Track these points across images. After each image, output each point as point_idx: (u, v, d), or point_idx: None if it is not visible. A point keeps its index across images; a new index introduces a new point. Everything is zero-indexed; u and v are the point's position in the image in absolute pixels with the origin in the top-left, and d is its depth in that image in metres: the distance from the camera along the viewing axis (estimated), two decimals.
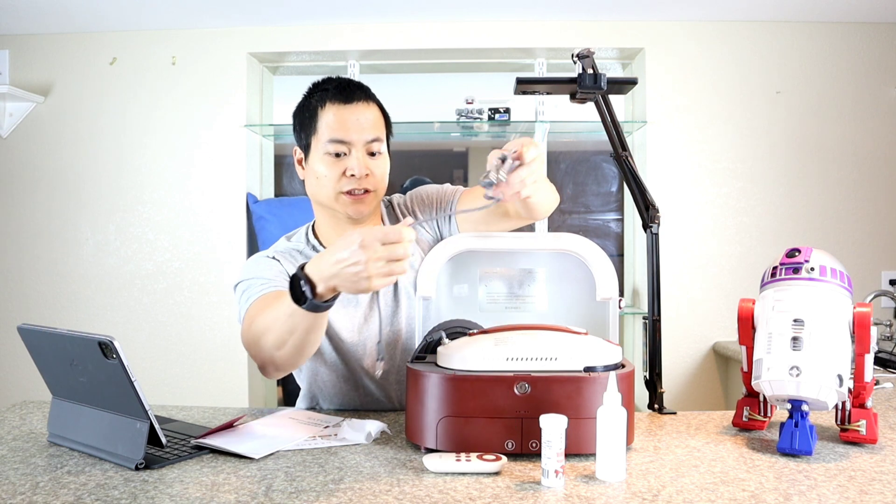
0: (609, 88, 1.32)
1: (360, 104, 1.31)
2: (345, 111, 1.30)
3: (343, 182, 1.30)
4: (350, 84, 1.34)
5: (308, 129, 1.33)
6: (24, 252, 2.88)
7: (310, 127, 1.32)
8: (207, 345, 2.81)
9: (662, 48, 2.79)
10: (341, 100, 1.30)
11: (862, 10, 2.65)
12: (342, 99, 1.30)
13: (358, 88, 1.33)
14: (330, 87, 1.32)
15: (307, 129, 1.33)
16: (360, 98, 1.32)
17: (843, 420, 1.13)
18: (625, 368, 1.08)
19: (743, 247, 2.79)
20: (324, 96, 1.32)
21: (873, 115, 2.78)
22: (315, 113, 1.31)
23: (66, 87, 2.86)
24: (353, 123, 1.29)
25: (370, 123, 1.31)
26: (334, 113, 1.30)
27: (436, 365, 1.10)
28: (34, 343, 1.15)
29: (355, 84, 1.34)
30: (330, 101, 1.31)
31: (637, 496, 0.91)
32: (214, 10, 2.64)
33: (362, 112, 1.31)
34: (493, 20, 2.80)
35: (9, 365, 2.84)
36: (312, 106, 1.32)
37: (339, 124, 1.29)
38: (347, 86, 1.33)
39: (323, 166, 1.30)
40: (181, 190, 2.84)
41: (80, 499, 0.91)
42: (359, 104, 1.31)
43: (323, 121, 1.30)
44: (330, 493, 0.93)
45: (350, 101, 1.30)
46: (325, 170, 1.30)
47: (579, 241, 1.33)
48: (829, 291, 1.11)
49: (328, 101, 1.31)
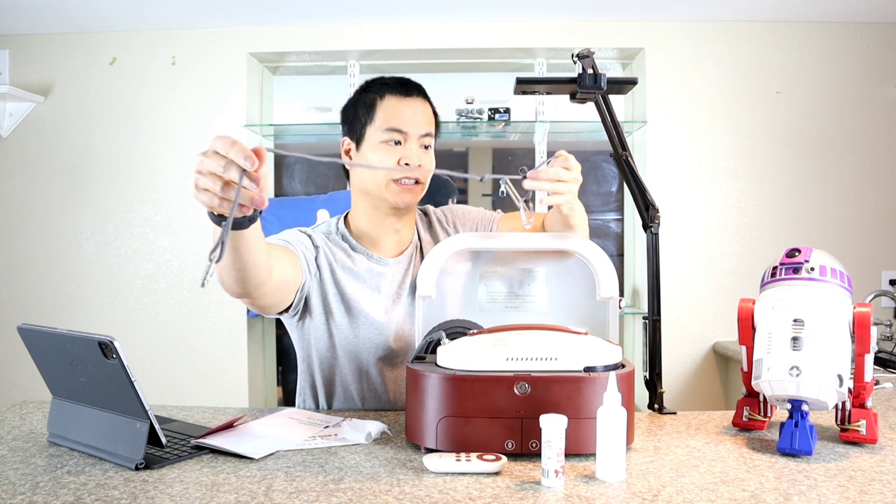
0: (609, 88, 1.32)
1: (417, 99, 1.38)
2: (404, 103, 1.36)
3: (397, 171, 1.34)
4: (409, 81, 1.40)
5: (364, 119, 1.37)
6: (24, 252, 2.88)
7: (366, 117, 1.37)
8: (207, 345, 2.81)
9: (662, 48, 2.80)
10: (401, 93, 1.37)
11: (862, 10, 2.65)
12: (402, 92, 1.37)
13: (415, 86, 1.40)
14: (390, 82, 1.39)
15: (362, 120, 1.37)
16: (417, 94, 1.39)
17: (843, 420, 1.13)
18: (625, 368, 1.08)
19: (743, 247, 2.79)
20: (383, 89, 1.38)
21: (873, 115, 2.78)
22: (374, 104, 1.37)
23: (66, 87, 2.86)
24: (410, 115, 1.36)
25: (425, 118, 1.38)
26: (393, 104, 1.36)
27: (436, 365, 1.10)
28: (34, 343, 1.15)
29: (413, 82, 1.41)
30: (389, 93, 1.37)
31: (637, 496, 0.91)
32: (214, 10, 2.64)
33: (419, 106, 1.37)
34: (493, 20, 2.80)
35: (9, 365, 2.85)
36: (370, 98, 1.38)
37: (398, 114, 1.35)
38: (407, 82, 1.40)
39: (380, 153, 1.35)
40: (181, 190, 2.84)
41: (80, 499, 0.91)
42: (416, 99, 1.38)
43: (381, 110, 1.36)
44: (330, 493, 0.93)
45: (409, 95, 1.37)
46: (380, 157, 1.35)
47: (579, 241, 1.33)
48: (829, 291, 1.11)
49: (387, 94, 1.37)
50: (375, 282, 1.41)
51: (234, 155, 0.90)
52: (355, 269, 1.41)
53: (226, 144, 0.90)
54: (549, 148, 2.91)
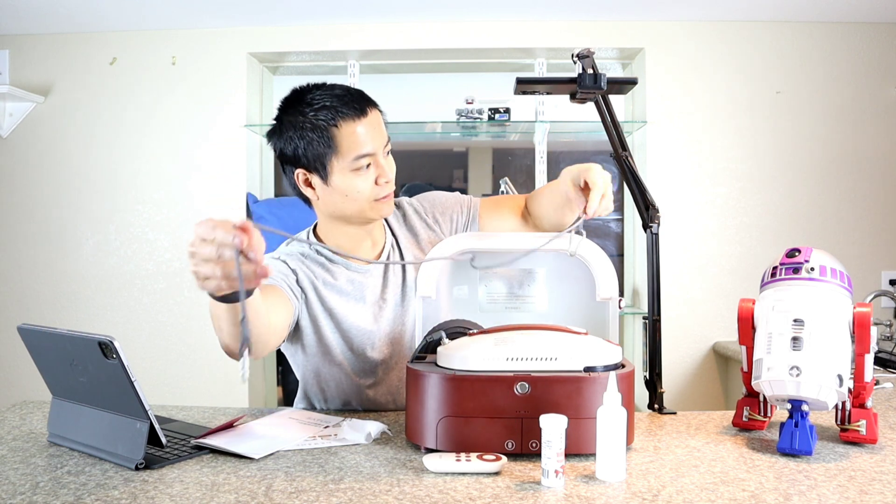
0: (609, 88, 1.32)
1: (370, 113, 1.29)
2: (362, 125, 1.26)
3: (376, 190, 1.30)
4: (351, 94, 1.29)
5: (324, 150, 1.26)
6: (24, 252, 2.88)
7: (326, 146, 1.26)
8: (207, 345, 2.80)
9: (662, 48, 2.80)
10: (355, 114, 1.26)
11: (862, 10, 2.65)
12: (356, 112, 1.26)
13: (361, 97, 1.30)
14: (334, 103, 1.26)
15: (321, 151, 1.26)
16: (369, 105, 1.29)
17: (843, 420, 1.13)
18: (625, 368, 1.08)
19: (743, 247, 2.79)
20: (332, 114, 1.25)
21: (873, 115, 2.78)
22: (328, 132, 1.25)
23: (66, 87, 2.86)
24: (371, 135, 1.27)
25: (381, 127, 1.31)
26: (355, 129, 1.26)
27: (436, 365, 1.10)
28: (34, 343, 1.15)
29: (355, 92, 1.30)
30: (342, 118, 1.25)
31: (637, 496, 0.91)
32: (214, 10, 2.64)
33: (373, 119, 1.29)
34: (493, 20, 2.80)
35: (9, 365, 2.85)
36: (321, 125, 1.25)
37: (362, 139, 1.26)
38: (351, 97, 1.28)
39: (357, 181, 1.28)
40: (181, 190, 2.84)
41: (80, 499, 0.91)
42: (371, 113, 1.29)
43: (342, 140, 1.25)
44: (330, 493, 0.93)
45: (363, 113, 1.27)
46: (359, 184, 1.28)
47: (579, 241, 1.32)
48: (829, 291, 1.11)
49: (340, 119, 1.25)
50: (359, 291, 1.38)
51: (220, 237, 0.88)
52: (336, 283, 1.37)
53: (208, 229, 0.89)
54: (549, 148, 2.91)
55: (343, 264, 1.39)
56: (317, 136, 1.26)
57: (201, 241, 0.89)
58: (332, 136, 1.26)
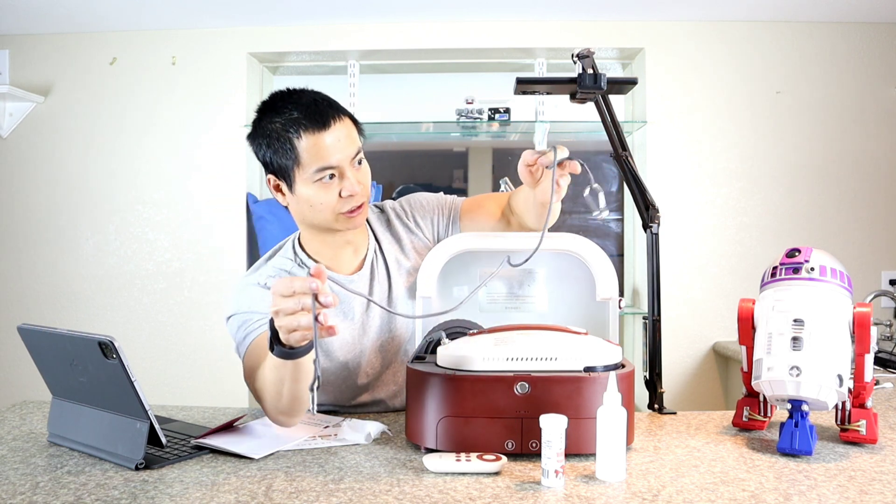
0: (609, 88, 1.32)
1: (335, 125, 1.24)
2: (325, 137, 1.22)
3: (340, 203, 1.26)
4: (317, 104, 1.25)
5: (284, 159, 1.25)
6: (24, 252, 2.88)
7: (287, 157, 1.24)
8: (207, 345, 2.81)
9: (662, 48, 2.80)
10: (318, 126, 1.22)
11: (862, 10, 2.65)
12: (318, 125, 1.23)
13: (328, 107, 1.26)
14: (298, 114, 1.23)
15: (284, 159, 1.25)
16: (333, 118, 1.24)
17: (843, 420, 1.13)
18: (625, 368, 1.08)
19: (743, 247, 2.79)
20: (295, 124, 1.23)
21: (873, 115, 2.78)
22: (291, 144, 1.23)
23: (66, 87, 2.86)
24: (337, 147, 1.23)
25: (349, 139, 1.26)
26: (314, 141, 1.22)
27: (436, 365, 1.10)
28: (34, 343, 1.15)
29: (322, 103, 1.26)
30: (304, 129, 1.22)
31: (637, 496, 0.91)
32: (214, 10, 2.64)
33: (340, 131, 1.24)
34: (493, 20, 2.80)
35: (9, 365, 2.85)
36: (282, 135, 1.24)
37: (324, 151, 1.23)
38: (317, 107, 1.24)
39: (317, 193, 1.25)
40: (181, 190, 2.84)
41: (80, 499, 0.91)
42: (335, 125, 1.24)
43: (304, 150, 1.23)
44: (330, 493, 0.93)
45: (326, 126, 1.23)
46: (321, 196, 1.25)
47: (579, 241, 1.33)
48: (829, 291, 1.11)
49: (302, 130, 1.22)
50: (345, 306, 1.35)
51: (298, 286, 0.96)
52: None
53: (286, 284, 0.96)
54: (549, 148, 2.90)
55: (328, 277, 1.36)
56: (280, 145, 1.24)
57: (282, 298, 0.96)
58: (293, 148, 1.23)
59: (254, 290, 1.31)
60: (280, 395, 1.10)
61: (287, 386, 1.08)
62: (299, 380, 1.07)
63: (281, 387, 1.08)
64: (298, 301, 0.95)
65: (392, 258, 1.40)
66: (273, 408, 1.14)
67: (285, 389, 1.08)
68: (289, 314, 0.96)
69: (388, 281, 1.39)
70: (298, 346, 1.02)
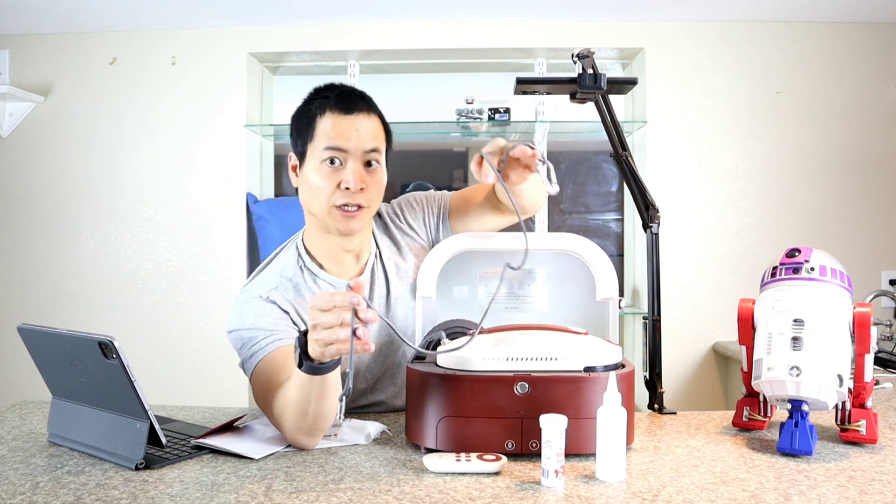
0: (609, 88, 1.32)
1: (360, 114, 1.26)
2: (344, 120, 1.25)
3: (337, 195, 1.25)
4: (352, 93, 1.29)
5: (305, 135, 1.28)
6: (24, 252, 2.88)
7: (307, 134, 1.27)
8: (207, 345, 2.80)
9: (662, 48, 2.79)
10: (342, 109, 1.26)
11: (862, 10, 2.65)
12: (343, 108, 1.26)
13: (360, 98, 1.29)
14: (331, 95, 1.28)
15: (304, 136, 1.28)
16: (361, 108, 1.27)
17: (843, 420, 1.13)
18: (625, 368, 1.08)
19: (743, 247, 2.79)
20: (324, 104, 1.27)
21: (873, 115, 2.78)
22: (314, 120, 1.27)
23: (66, 87, 2.86)
24: (351, 132, 1.25)
25: (370, 134, 1.27)
26: (333, 121, 1.25)
27: (436, 365, 1.10)
28: (34, 343, 1.15)
29: (357, 93, 1.30)
30: (330, 109, 1.26)
31: (637, 496, 0.91)
32: (214, 10, 2.64)
33: (362, 122, 1.26)
34: (493, 20, 2.80)
35: (9, 365, 2.84)
36: (311, 112, 1.28)
37: (337, 132, 1.24)
38: (349, 95, 1.28)
39: (318, 176, 1.25)
40: (181, 190, 2.84)
41: (80, 499, 0.91)
42: (360, 114, 1.26)
43: (320, 128, 1.26)
44: (330, 493, 0.93)
45: (350, 111, 1.26)
46: (319, 180, 1.25)
47: (579, 241, 1.33)
48: (829, 291, 1.11)
49: (328, 109, 1.26)
50: None
51: (339, 301, 0.96)
52: None
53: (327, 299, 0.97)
54: (549, 148, 2.91)
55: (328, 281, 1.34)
56: (305, 121, 1.29)
57: (321, 313, 0.97)
58: (313, 123, 1.27)
59: (255, 303, 1.28)
60: (305, 414, 1.07)
61: (313, 405, 1.06)
62: (325, 396, 1.06)
63: (307, 406, 1.06)
64: (338, 316, 0.95)
65: (391, 262, 1.40)
66: (296, 428, 1.09)
67: (311, 407, 1.06)
68: (326, 328, 0.96)
69: (386, 285, 1.38)
70: (328, 362, 1.01)
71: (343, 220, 1.27)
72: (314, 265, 1.34)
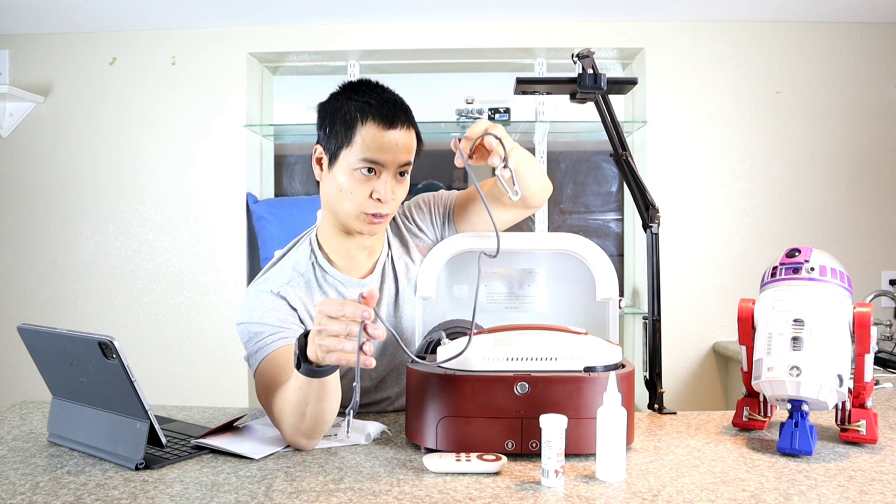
0: (609, 88, 1.32)
1: (401, 129, 1.26)
2: (385, 135, 1.24)
3: (368, 203, 1.25)
4: (395, 105, 1.28)
5: (340, 137, 1.26)
6: (24, 252, 2.88)
7: (343, 136, 1.25)
8: (207, 345, 2.80)
9: (662, 48, 2.79)
10: (385, 122, 1.24)
11: (862, 10, 2.65)
12: (386, 121, 1.24)
13: (402, 111, 1.28)
14: (373, 102, 1.26)
15: (339, 137, 1.26)
16: (402, 122, 1.27)
17: (843, 420, 1.13)
18: (625, 368, 1.08)
19: (743, 247, 2.79)
20: (365, 110, 1.25)
21: (873, 116, 2.78)
22: (353, 124, 1.25)
23: (66, 87, 2.86)
24: (391, 147, 1.24)
25: (406, 148, 1.27)
26: (374, 133, 1.24)
27: (436, 365, 1.10)
28: (34, 343, 1.15)
29: (400, 106, 1.29)
30: (372, 118, 1.24)
31: (637, 496, 0.91)
32: (214, 10, 2.64)
33: (401, 136, 1.26)
34: (493, 20, 2.80)
35: (9, 365, 2.84)
36: (351, 115, 1.25)
37: (377, 146, 1.24)
38: (392, 105, 1.27)
39: (350, 181, 1.25)
40: (181, 190, 2.84)
41: (80, 499, 0.91)
42: (401, 129, 1.26)
43: (360, 136, 1.24)
44: (330, 493, 0.93)
45: (393, 126, 1.25)
46: (352, 185, 1.25)
47: (579, 241, 1.33)
48: (829, 291, 1.11)
49: (370, 118, 1.24)
50: None
51: (350, 312, 0.95)
52: None
53: (337, 306, 0.96)
54: (549, 148, 2.91)
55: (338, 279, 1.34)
56: (343, 122, 1.26)
57: (328, 319, 0.96)
58: (353, 129, 1.25)
59: (265, 297, 1.29)
60: (303, 416, 1.07)
61: (311, 406, 1.06)
62: (324, 399, 1.05)
63: (305, 407, 1.06)
64: (345, 326, 0.95)
65: (401, 262, 1.41)
66: (294, 429, 1.09)
67: (309, 410, 1.06)
68: (332, 335, 0.95)
69: (395, 285, 1.39)
70: (325, 366, 1.01)
71: (369, 224, 1.28)
72: (325, 262, 1.35)
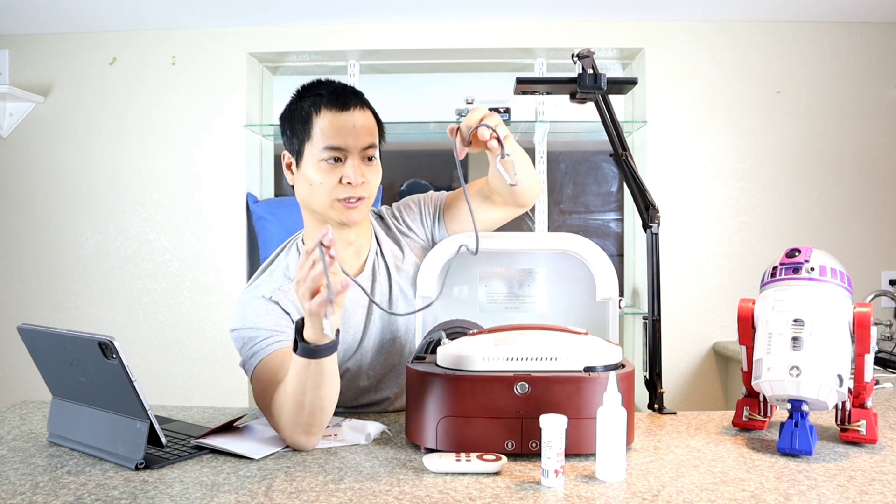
0: (609, 88, 1.32)
1: (356, 110, 1.28)
2: (341, 118, 1.26)
3: (338, 189, 1.26)
4: (345, 89, 1.30)
5: (301, 134, 1.28)
6: (24, 252, 2.88)
7: (303, 133, 1.28)
8: (207, 345, 2.80)
9: (662, 48, 2.79)
10: (337, 106, 1.26)
11: (862, 10, 2.65)
12: (338, 105, 1.27)
13: (353, 94, 1.30)
14: (324, 93, 1.28)
15: (299, 135, 1.29)
16: (355, 104, 1.28)
17: (843, 420, 1.13)
18: (625, 368, 1.08)
19: (743, 247, 2.79)
20: (318, 101, 1.27)
21: (873, 116, 2.78)
22: (309, 118, 1.27)
23: (66, 87, 2.86)
24: (349, 130, 1.26)
25: (366, 130, 1.28)
26: (330, 119, 1.26)
27: (436, 365, 1.10)
28: (34, 343, 1.15)
29: (350, 89, 1.31)
30: (325, 106, 1.27)
31: (637, 496, 0.91)
32: (214, 10, 2.64)
33: (358, 118, 1.27)
34: (493, 20, 2.80)
35: (9, 365, 2.84)
36: (305, 111, 1.28)
37: (335, 131, 1.25)
38: (342, 91, 1.29)
39: (318, 173, 1.26)
40: (181, 190, 2.84)
41: (80, 499, 0.91)
42: (355, 111, 1.27)
43: (317, 127, 1.26)
44: (330, 493, 0.93)
45: (346, 108, 1.27)
46: (320, 177, 1.26)
47: (579, 241, 1.33)
48: (829, 291, 1.11)
49: (323, 107, 1.27)
50: (345, 311, 1.33)
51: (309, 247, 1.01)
52: None
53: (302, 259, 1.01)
54: (549, 148, 2.91)
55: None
56: (299, 120, 1.29)
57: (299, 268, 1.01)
58: (310, 123, 1.27)
59: (258, 303, 1.29)
60: (301, 407, 1.07)
61: (309, 395, 1.06)
62: (321, 385, 1.06)
63: (303, 397, 1.06)
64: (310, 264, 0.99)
65: (392, 261, 1.40)
66: (293, 423, 1.09)
67: (307, 399, 1.06)
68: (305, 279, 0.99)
69: (388, 283, 1.39)
70: (322, 344, 1.02)
71: (345, 211, 1.28)
72: None
